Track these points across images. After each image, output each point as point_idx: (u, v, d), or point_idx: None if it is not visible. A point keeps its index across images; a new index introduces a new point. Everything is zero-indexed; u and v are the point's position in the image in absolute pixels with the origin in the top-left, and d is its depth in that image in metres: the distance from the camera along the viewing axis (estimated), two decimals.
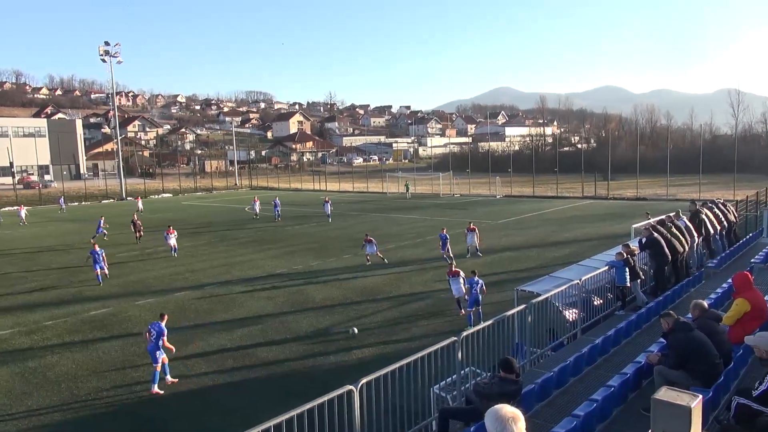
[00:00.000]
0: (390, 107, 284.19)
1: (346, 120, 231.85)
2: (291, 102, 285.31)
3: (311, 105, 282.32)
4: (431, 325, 16.41)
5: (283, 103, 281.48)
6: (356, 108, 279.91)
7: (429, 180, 69.14)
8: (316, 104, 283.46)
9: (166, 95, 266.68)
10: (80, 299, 20.59)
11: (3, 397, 12.31)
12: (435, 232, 33.35)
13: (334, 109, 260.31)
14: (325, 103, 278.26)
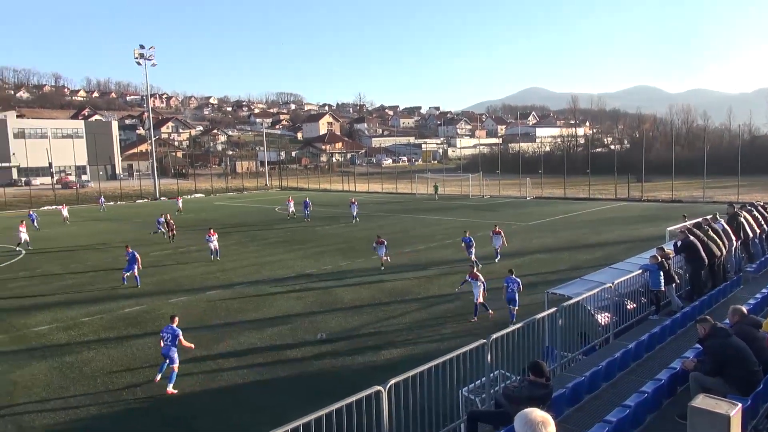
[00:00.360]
0: (419, 108, 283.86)
1: (376, 121, 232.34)
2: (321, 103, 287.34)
3: (341, 106, 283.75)
4: (460, 327, 16.33)
5: (313, 105, 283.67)
6: (385, 109, 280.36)
7: (458, 181, 68.81)
8: (345, 105, 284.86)
9: (198, 97, 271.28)
10: (115, 297, 21.08)
11: (42, 391, 12.68)
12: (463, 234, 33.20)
13: (364, 110, 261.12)
14: (354, 104, 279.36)
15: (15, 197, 70.17)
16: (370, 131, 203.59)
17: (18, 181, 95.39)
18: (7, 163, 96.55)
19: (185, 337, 13.13)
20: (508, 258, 25.87)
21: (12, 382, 13.19)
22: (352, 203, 42.50)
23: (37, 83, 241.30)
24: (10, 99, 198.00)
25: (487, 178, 65.58)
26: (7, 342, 16.25)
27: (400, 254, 27.70)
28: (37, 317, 18.60)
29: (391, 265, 24.74)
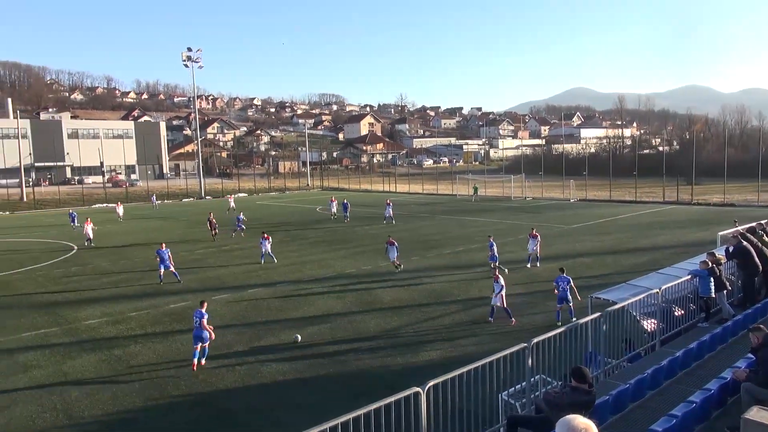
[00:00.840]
0: (461, 109, 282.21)
1: (417, 122, 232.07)
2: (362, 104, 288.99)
3: (382, 107, 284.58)
4: (500, 330, 16.15)
5: (355, 106, 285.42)
6: (427, 110, 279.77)
7: (500, 182, 68.09)
8: (387, 106, 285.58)
9: (243, 98, 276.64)
10: (161, 293, 21.68)
11: (91, 382, 13.15)
12: (506, 235, 32.88)
13: (405, 111, 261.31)
14: (395, 105, 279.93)
15: (68, 195, 73.01)
16: (411, 132, 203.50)
17: (71, 179, 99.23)
18: (62, 162, 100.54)
19: (230, 333, 13.41)
20: (552, 261, 25.44)
21: (63, 373, 13.72)
22: (387, 204, 42.48)
23: (90, 85, 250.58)
24: (65, 101, 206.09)
25: (530, 179, 64.67)
26: (59, 334, 16.91)
27: (440, 256, 27.58)
28: (87, 311, 19.30)
29: (430, 267, 24.66)
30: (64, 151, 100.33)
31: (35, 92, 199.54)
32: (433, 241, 32.10)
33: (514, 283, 21.72)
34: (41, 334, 16.91)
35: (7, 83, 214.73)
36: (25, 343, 16.10)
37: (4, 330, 17.37)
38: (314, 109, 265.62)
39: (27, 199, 68.64)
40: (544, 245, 29.54)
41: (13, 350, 15.52)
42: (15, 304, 20.53)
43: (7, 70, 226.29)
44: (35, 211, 60.17)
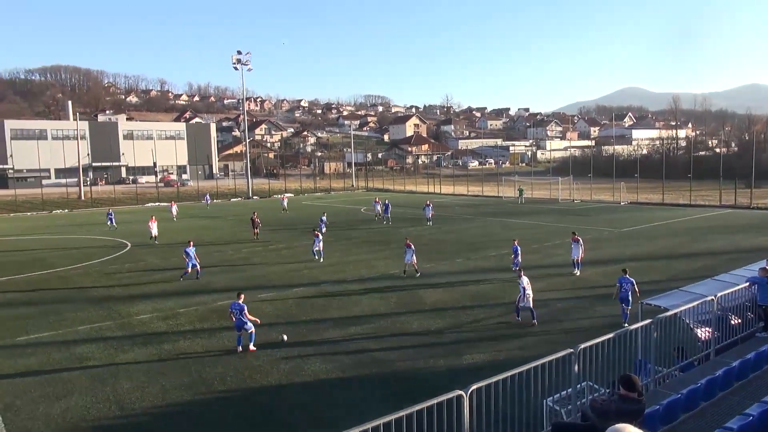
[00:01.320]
0: (508, 110, 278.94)
1: (462, 123, 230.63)
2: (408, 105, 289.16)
3: (428, 108, 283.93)
4: (546, 335, 15.86)
5: (400, 107, 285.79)
6: (473, 111, 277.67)
7: (547, 184, 66.91)
8: (432, 107, 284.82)
9: (290, 100, 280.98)
10: (209, 290, 22.21)
11: (141, 376, 13.58)
12: (551, 238, 32.28)
13: (451, 112, 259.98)
14: (441, 106, 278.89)
15: (123, 194, 75.75)
16: (457, 133, 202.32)
17: (126, 179, 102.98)
18: (118, 163, 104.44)
19: (275, 330, 13.59)
20: (600, 265, 24.85)
21: (116, 366, 14.22)
22: (426, 205, 42.07)
23: (144, 88, 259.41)
24: (121, 103, 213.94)
25: (578, 181, 63.29)
26: (113, 328, 17.55)
27: (484, 258, 27.31)
28: (139, 306, 19.96)
29: (474, 269, 24.45)
30: (120, 151, 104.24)
31: (94, 95, 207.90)
32: (477, 243, 31.80)
33: (560, 287, 21.31)
34: (96, 328, 17.58)
35: (68, 86, 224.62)
36: (81, 336, 16.78)
37: (63, 323, 18.15)
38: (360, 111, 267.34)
39: (84, 198, 71.57)
40: (592, 249, 28.91)
41: (70, 342, 16.20)
42: (73, 298, 21.42)
43: (68, 74, 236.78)
44: (92, 209, 62.62)
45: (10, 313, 19.37)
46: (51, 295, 22.03)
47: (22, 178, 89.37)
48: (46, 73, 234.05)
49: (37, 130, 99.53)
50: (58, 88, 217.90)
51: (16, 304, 20.77)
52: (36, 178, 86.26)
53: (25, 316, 18.93)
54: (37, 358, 14.91)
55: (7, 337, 16.75)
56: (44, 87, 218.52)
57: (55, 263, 28.82)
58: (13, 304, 20.79)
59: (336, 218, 47.06)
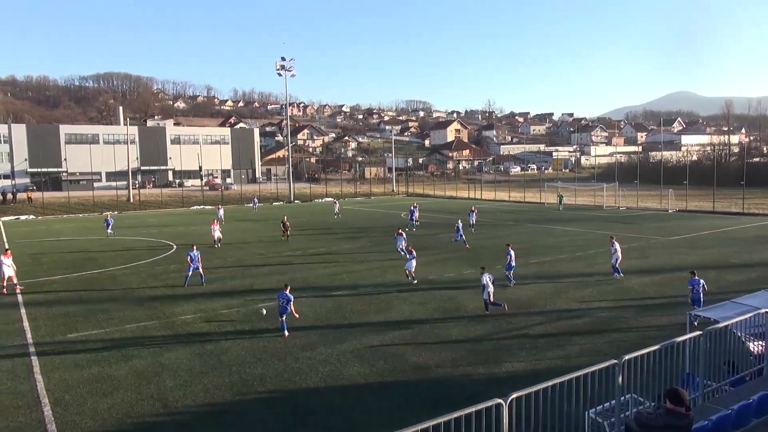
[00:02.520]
0: (551, 115, 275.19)
1: (504, 128, 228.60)
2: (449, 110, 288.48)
3: (469, 113, 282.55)
4: (588, 345, 15.49)
5: (442, 112, 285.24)
6: (515, 116, 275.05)
7: (591, 191, 65.54)
8: (474, 112, 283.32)
9: (332, 105, 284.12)
10: (251, 291, 22.57)
11: (185, 374, 13.89)
12: (595, 245, 31.58)
13: (493, 117, 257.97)
14: (483, 111, 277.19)
15: (170, 197, 77.90)
16: (499, 138, 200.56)
17: (173, 182, 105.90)
18: (165, 166, 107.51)
19: (314, 333, 13.68)
20: (646, 274, 24.18)
21: (160, 364, 14.58)
22: (471, 211, 41.45)
23: (192, 94, 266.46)
24: (169, 109, 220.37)
25: (624, 188, 61.74)
26: (158, 327, 18.02)
27: (525, 265, 26.91)
28: (183, 306, 20.43)
29: (515, 276, 24.09)
30: (167, 155, 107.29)
31: (143, 101, 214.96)
32: (518, 249, 31.25)
33: (605, 296, 20.82)
34: (142, 327, 18.08)
35: (119, 93, 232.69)
36: (127, 334, 17.29)
37: (111, 321, 18.74)
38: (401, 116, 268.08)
39: (133, 200, 73.91)
40: (639, 257, 28.17)
41: (117, 340, 16.71)
42: (121, 298, 22.10)
43: (120, 80, 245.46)
44: (140, 211, 64.59)
45: (63, 311, 20.12)
46: (100, 294, 22.79)
47: (75, 180, 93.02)
48: (99, 79, 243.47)
49: (90, 135, 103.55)
50: (110, 94, 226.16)
51: (67, 302, 21.55)
52: (88, 180, 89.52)
53: (75, 314, 19.63)
54: (86, 355, 15.42)
55: (59, 334, 17.39)
56: (97, 93, 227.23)
57: (104, 263, 29.82)
58: (65, 302, 21.59)
59: (376, 223, 47.20)
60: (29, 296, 22.48)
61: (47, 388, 13.10)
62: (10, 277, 23.23)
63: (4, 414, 11.83)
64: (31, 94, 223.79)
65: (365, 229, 43.31)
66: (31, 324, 18.47)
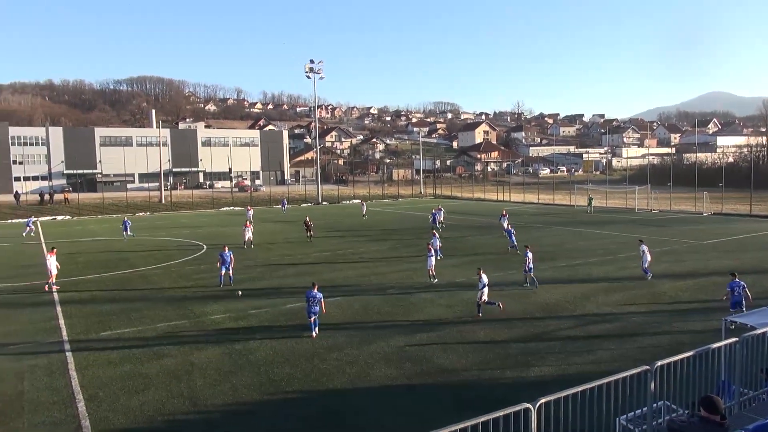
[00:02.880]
0: (581, 116, 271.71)
1: (534, 130, 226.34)
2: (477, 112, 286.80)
3: (498, 115, 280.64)
4: (620, 350, 15.22)
5: (470, 113, 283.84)
6: (545, 117, 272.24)
7: (623, 193, 64.46)
8: (502, 114, 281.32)
9: (360, 107, 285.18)
10: (280, 293, 22.77)
11: (214, 373, 14.08)
12: (627, 249, 31.05)
13: (522, 119, 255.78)
14: (512, 112, 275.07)
15: (200, 198, 79.09)
16: (528, 140, 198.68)
17: (203, 184, 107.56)
18: (196, 168, 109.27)
19: (341, 335, 13.73)
20: (680, 279, 23.67)
21: (190, 363, 14.81)
22: (503, 216, 40.61)
23: (222, 97, 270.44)
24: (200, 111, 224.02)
25: (657, 190, 60.56)
26: (188, 327, 18.31)
27: (554, 268, 26.59)
28: (213, 306, 20.72)
29: (544, 279, 23.82)
30: (198, 157, 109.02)
31: (175, 104, 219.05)
32: (547, 252, 31.02)
33: (637, 300, 20.43)
34: (173, 326, 18.40)
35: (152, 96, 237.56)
36: (159, 333, 17.61)
37: (142, 320, 19.12)
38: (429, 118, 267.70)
39: (165, 201, 75.30)
40: (673, 261, 27.62)
41: (148, 339, 17.03)
42: (152, 297, 22.53)
43: (153, 83, 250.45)
44: (171, 212, 65.78)
45: (97, 309, 20.60)
46: (132, 294, 23.27)
47: (109, 182, 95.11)
48: (133, 83, 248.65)
49: (124, 137, 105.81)
50: (143, 97, 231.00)
51: (101, 300, 22.06)
52: (121, 182, 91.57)
53: (109, 312, 20.09)
54: (119, 353, 15.76)
55: (93, 332, 17.81)
56: (131, 96, 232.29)
57: (137, 263, 30.43)
58: (99, 300, 22.10)
59: (404, 225, 47.18)
60: (65, 294, 23.08)
61: (81, 385, 13.43)
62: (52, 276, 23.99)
63: (40, 409, 12.17)
64: (68, 97, 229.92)
65: (393, 230, 43.32)
66: (66, 322, 18.96)
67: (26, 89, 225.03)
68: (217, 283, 24.07)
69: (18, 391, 13.11)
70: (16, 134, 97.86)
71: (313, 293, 16.89)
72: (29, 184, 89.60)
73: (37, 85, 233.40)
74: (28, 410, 12.11)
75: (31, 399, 12.68)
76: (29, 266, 29.87)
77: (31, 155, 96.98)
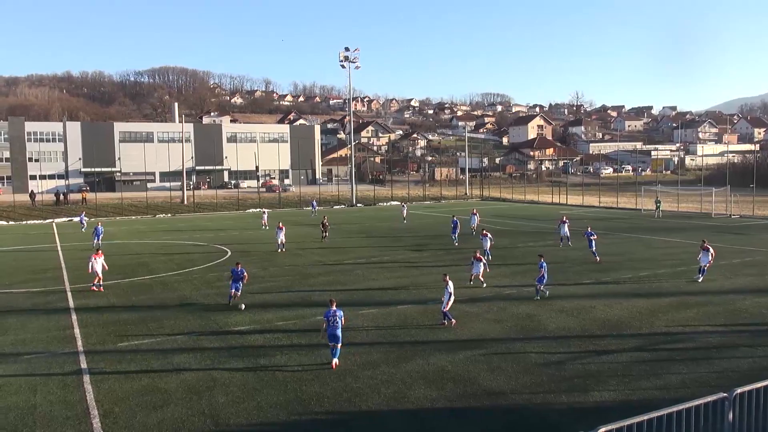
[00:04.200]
0: (650, 108, 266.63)
1: (595, 124, 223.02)
2: (530, 104, 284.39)
3: (554, 107, 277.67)
4: (692, 374, 14.80)
5: (522, 106, 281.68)
6: (607, 110, 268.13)
7: (697, 196, 62.84)
8: (559, 106, 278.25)
9: (399, 100, 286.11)
10: (309, 303, 22.96)
11: (237, 390, 14.28)
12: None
13: (581, 112, 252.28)
14: (570, 104, 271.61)
15: (224, 199, 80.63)
16: (588, 135, 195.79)
17: (228, 183, 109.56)
18: (221, 166, 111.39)
19: (376, 351, 13.76)
20: (764, 295, 22.90)
21: (212, 378, 15.06)
22: (562, 222, 39.71)
23: (249, 89, 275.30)
24: (226, 105, 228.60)
25: (737, 193, 58.78)
26: (210, 338, 18.64)
27: (617, 281, 26.10)
28: (237, 317, 21.03)
29: (605, 293, 23.39)
30: (223, 154, 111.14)
31: (199, 96, 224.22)
32: (610, 262, 30.45)
33: (713, 319, 19.85)
34: (193, 337, 18.76)
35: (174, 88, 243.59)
36: (179, 345, 17.97)
37: (162, 330, 19.56)
38: (476, 111, 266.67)
39: (187, 202, 76.99)
40: (755, 275, 26.89)
41: (168, 351, 17.40)
42: (172, 305, 23.03)
43: (176, 75, 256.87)
44: (194, 213, 67.20)
45: (114, 318, 21.17)
46: (152, 301, 23.84)
47: (129, 181, 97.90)
48: (155, 74, 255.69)
49: (144, 133, 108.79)
50: (165, 89, 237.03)
51: (119, 308, 22.67)
52: (141, 181, 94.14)
53: (126, 321, 20.62)
54: (137, 365, 16.15)
55: (109, 342, 18.31)
56: (152, 89, 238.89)
57: (157, 269, 31.17)
58: (116, 308, 22.71)
59: (447, 229, 46.99)
60: (81, 301, 23.82)
61: (96, 399, 13.80)
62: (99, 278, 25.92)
63: (53, 425, 12.55)
64: (86, 90, 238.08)
65: (435, 236, 43.20)
66: (81, 331, 19.54)
67: (43, 82, 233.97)
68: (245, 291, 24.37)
69: (30, 405, 13.56)
70: (33, 130, 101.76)
71: (332, 312, 15.60)
72: (45, 183, 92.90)
73: (55, 78, 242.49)
74: (40, 425, 12.51)
75: (44, 413, 13.10)
76: (45, 270, 30.96)
77: (47, 152, 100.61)
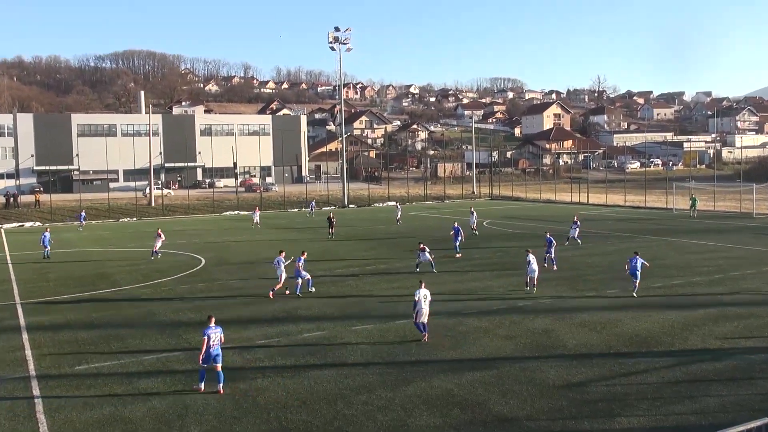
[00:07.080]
0: (681, 94, 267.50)
1: (619, 112, 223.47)
2: (546, 90, 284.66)
3: (572, 93, 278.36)
4: (732, 397, 14.80)
5: (537, 92, 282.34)
6: (633, 96, 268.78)
7: (736, 193, 63.02)
8: (578, 92, 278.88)
9: (397, 86, 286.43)
10: (294, 318, 22.90)
11: (213, 419, 14.20)
12: (743, 266, 30.31)
13: (603, 99, 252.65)
14: (590, 90, 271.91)
15: (198, 201, 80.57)
16: (611, 125, 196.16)
17: (202, 182, 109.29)
18: (193, 163, 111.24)
19: (371, 372, 13.66)
20: None
21: (184, 405, 14.97)
22: (575, 223, 39.93)
23: (226, 74, 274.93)
24: (199, 93, 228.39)
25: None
26: (182, 359, 18.56)
27: (646, 289, 26.09)
28: None
29: (633, 304, 23.41)
30: (196, 150, 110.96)
31: (169, 84, 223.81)
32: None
33: (756, 333, 19.88)
34: (162, 358, 18.68)
35: (140, 75, 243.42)
36: (146, 367, 17.89)
37: (126, 351, 19.46)
38: (484, 98, 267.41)
39: (155, 204, 76.86)
40: None
41: (133, 374, 17.31)
42: (138, 322, 22.94)
43: (142, 59, 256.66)
44: (163, 217, 67.05)
45: (71, 337, 21.07)
46: (114, 318, 23.74)
47: (88, 180, 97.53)
48: (118, 59, 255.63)
49: (106, 126, 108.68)
50: (131, 76, 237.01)
51: (77, 326, 22.56)
52: (103, 180, 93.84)
53: (85, 341, 20.52)
54: (97, 391, 16.06)
55: (66, 365, 18.20)
56: (115, 75, 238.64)
57: (120, 280, 31.08)
58: (74, 326, 22.60)
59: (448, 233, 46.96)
60: (33, 319, 23.69)
61: (51, 431, 13.70)
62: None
63: None
64: (40, 77, 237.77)
65: (437, 240, 43.14)
66: (34, 352, 19.43)
67: None
68: (224, 305, 24.32)
69: None
70: None
71: (211, 329, 15.87)
72: None
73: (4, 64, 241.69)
74: None
75: None
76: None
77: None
